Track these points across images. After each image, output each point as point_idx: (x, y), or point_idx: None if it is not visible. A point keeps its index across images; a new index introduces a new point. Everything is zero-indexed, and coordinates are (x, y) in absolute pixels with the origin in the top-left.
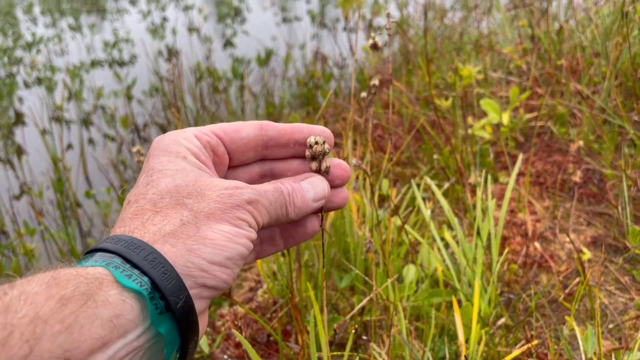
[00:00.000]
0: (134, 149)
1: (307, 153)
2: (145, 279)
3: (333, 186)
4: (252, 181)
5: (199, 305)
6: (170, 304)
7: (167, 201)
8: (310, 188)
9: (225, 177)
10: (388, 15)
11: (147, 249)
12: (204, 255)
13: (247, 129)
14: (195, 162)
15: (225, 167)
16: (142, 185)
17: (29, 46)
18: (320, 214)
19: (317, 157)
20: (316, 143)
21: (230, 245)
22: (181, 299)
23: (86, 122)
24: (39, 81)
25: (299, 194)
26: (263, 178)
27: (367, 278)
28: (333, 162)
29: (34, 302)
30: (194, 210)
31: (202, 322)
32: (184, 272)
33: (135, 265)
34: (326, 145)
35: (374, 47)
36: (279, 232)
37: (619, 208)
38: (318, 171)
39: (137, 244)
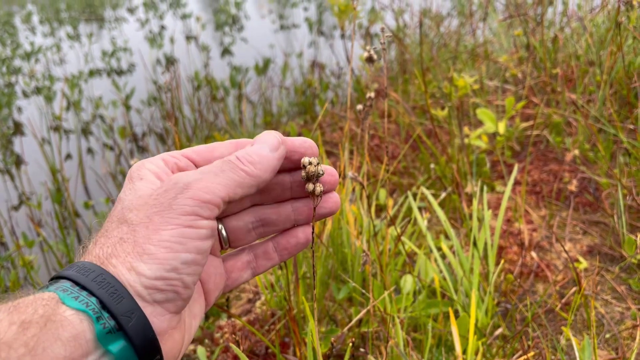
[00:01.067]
0: (132, 162)
1: (302, 174)
2: (93, 299)
3: (323, 192)
4: (241, 201)
5: (159, 322)
6: (121, 323)
7: (114, 224)
8: (262, 143)
9: None
10: (382, 30)
11: (96, 270)
12: (144, 272)
13: (221, 148)
14: (153, 181)
15: None
16: (107, 217)
17: (27, 56)
18: (312, 223)
19: (312, 178)
20: (310, 164)
21: (170, 256)
22: (133, 318)
23: (85, 131)
24: (37, 91)
25: (252, 153)
26: (254, 196)
27: (364, 291)
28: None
29: None
30: (133, 224)
31: (176, 338)
32: (132, 291)
33: (83, 287)
34: (320, 167)
35: (369, 60)
36: (272, 246)
37: (615, 217)
38: (312, 194)
39: (88, 267)
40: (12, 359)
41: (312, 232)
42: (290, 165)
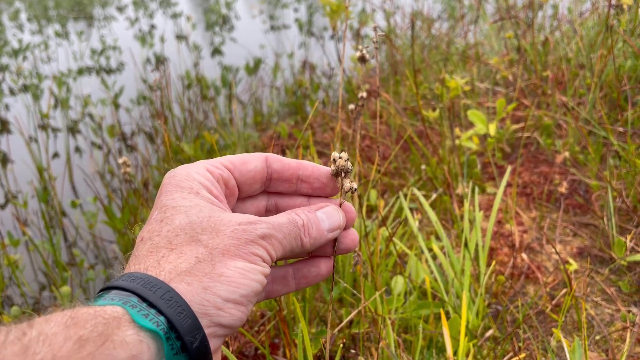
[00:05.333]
0: (120, 160)
1: (332, 168)
2: (162, 318)
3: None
4: (259, 214)
5: (213, 343)
6: (186, 344)
7: (182, 238)
8: (325, 218)
9: (234, 209)
10: (375, 29)
11: (163, 287)
12: (220, 293)
13: (254, 162)
14: (208, 197)
15: (235, 199)
16: (156, 222)
17: (15, 53)
18: (333, 256)
19: (340, 173)
20: (340, 157)
21: (245, 282)
22: (197, 339)
23: (73, 130)
24: (25, 88)
25: (314, 224)
26: (268, 212)
27: (355, 292)
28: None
29: (52, 343)
30: (209, 247)
31: (218, 358)
32: (200, 311)
33: (151, 305)
34: (349, 163)
35: (362, 59)
36: (292, 272)
37: (605, 219)
38: (342, 188)
39: (154, 283)
40: None
41: (334, 256)
42: (310, 191)
